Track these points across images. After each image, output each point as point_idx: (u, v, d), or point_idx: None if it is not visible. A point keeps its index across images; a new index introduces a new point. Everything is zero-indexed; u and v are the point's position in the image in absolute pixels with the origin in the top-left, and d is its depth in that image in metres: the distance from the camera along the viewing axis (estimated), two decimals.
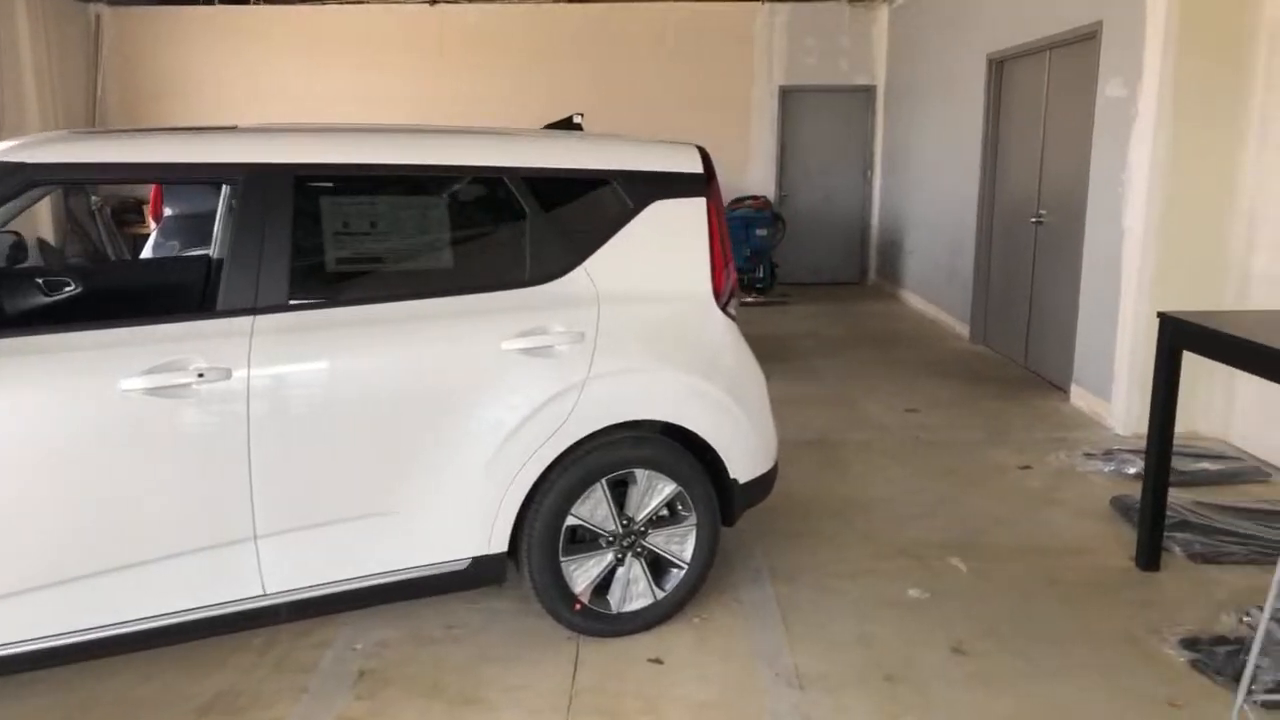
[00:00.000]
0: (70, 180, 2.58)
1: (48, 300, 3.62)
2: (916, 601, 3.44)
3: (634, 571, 3.15)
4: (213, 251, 3.99)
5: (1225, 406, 5.19)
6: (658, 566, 3.21)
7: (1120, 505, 4.22)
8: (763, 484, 3.38)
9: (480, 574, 2.95)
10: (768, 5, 11.13)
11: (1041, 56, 6.77)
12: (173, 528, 2.58)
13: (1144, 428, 5.25)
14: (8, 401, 2.39)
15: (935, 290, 9.11)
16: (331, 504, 2.74)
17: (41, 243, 9.84)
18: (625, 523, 3.12)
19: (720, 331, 3.25)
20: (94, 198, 10.32)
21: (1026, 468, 4.84)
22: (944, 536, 4.00)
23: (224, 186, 3.70)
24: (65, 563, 2.49)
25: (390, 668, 3.00)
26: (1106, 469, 4.73)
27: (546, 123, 3.73)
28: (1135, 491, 4.37)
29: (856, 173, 11.51)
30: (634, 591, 3.16)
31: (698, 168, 3.27)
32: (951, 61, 8.57)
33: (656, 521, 3.17)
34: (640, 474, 3.10)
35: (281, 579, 2.72)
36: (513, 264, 3.02)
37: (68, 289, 3.75)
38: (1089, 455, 4.92)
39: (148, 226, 10.75)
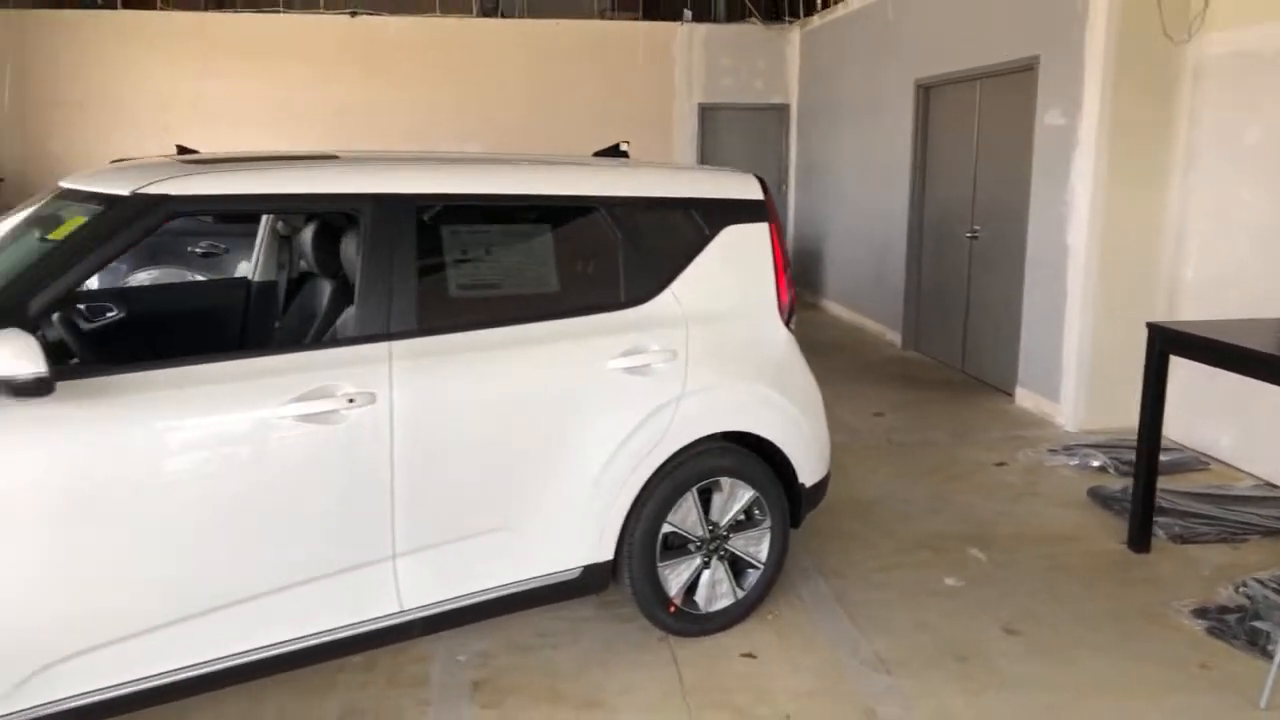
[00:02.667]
0: (206, 211, 2.60)
1: (102, 325, 3.54)
2: (954, 589, 3.78)
3: (718, 573, 3.36)
4: (251, 275, 3.97)
5: None
6: (736, 567, 3.43)
7: (1097, 495, 4.70)
8: (822, 487, 3.66)
9: (590, 582, 3.10)
10: (687, 25, 11.51)
11: (973, 85, 7.34)
12: (324, 549, 2.63)
13: (1092, 424, 5.86)
14: (164, 430, 2.40)
15: (861, 299, 9.64)
16: (462, 520, 2.85)
17: None
18: (711, 528, 3.33)
19: (786, 346, 3.51)
20: None
21: (1002, 464, 5.30)
22: (954, 529, 4.38)
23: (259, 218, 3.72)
24: (223, 589, 2.51)
25: (501, 676, 3.11)
26: (1072, 463, 5.23)
27: (595, 150, 3.90)
28: (1102, 483, 4.90)
29: (772, 187, 12.01)
30: (718, 592, 3.37)
31: (759, 194, 3.53)
32: (874, 85, 9.13)
33: (736, 526, 3.40)
34: (725, 482, 3.32)
35: (417, 595, 2.80)
36: (610, 287, 3.18)
37: (110, 314, 3.68)
38: (1053, 451, 5.42)
39: None
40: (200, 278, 6.54)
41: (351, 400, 2.60)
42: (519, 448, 2.92)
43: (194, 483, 2.43)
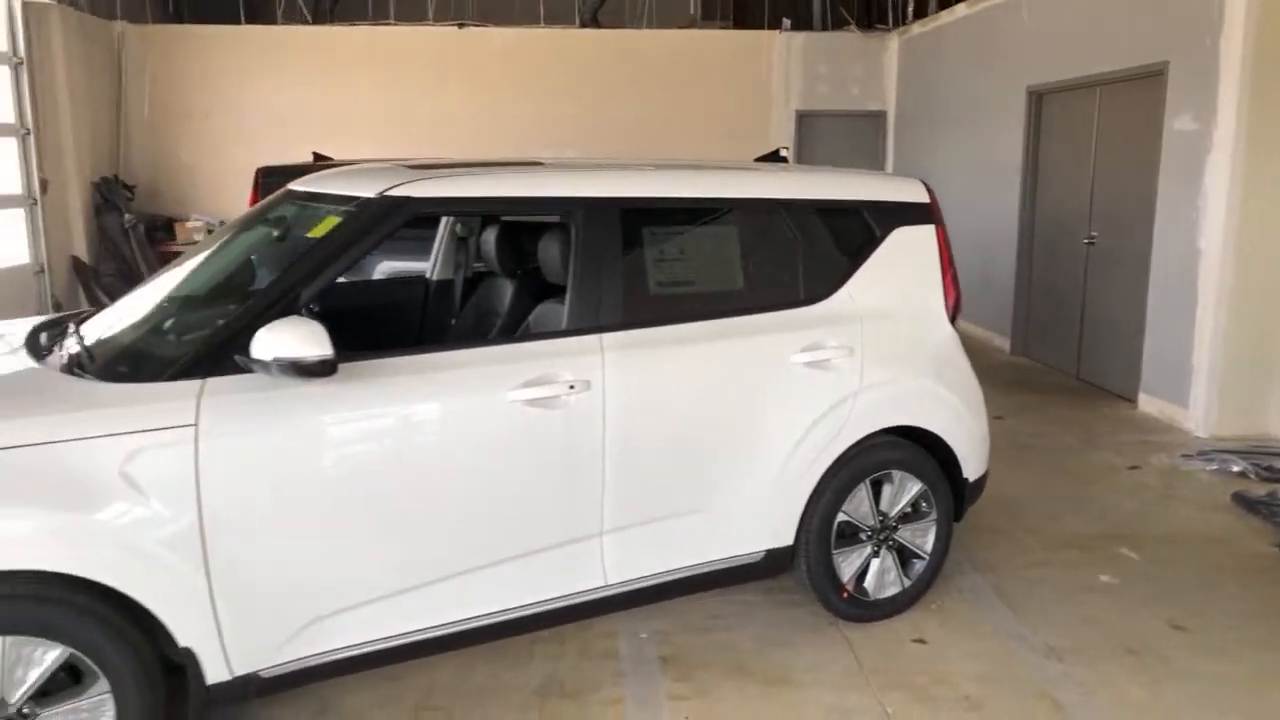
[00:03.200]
0: (441, 211, 2.83)
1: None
2: (1110, 586, 3.84)
3: (887, 562, 3.49)
4: (429, 274, 4.22)
5: None
6: (903, 557, 3.55)
7: (1242, 500, 4.70)
8: (981, 483, 3.76)
9: (771, 566, 3.26)
10: (785, 34, 11.64)
11: (1091, 91, 7.33)
12: (543, 524, 2.84)
13: (1223, 430, 5.83)
14: (418, 410, 2.63)
15: (965, 304, 9.60)
16: (661, 502, 3.03)
17: (75, 260, 9.79)
18: (881, 518, 3.46)
19: (951, 344, 3.63)
20: (127, 216, 10.27)
21: (1135, 468, 5.31)
22: (1099, 529, 4.43)
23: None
24: (458, 557, 2.72)
25: (687, 653, 3.28)
26: (1209, 468, 5.22)
27: (757, 156, 4.05)
28: (1245, 487, 4.89)
29: None
30: (887, 580, 3.49)
31: (925, 198, 3.65)
32: (980, 91, 9.13)
33: (904, 517, 3.52)
34: (895, 474, 3.45)
35: (620, 570, 2.99)
36: (790, 285, 3.34)
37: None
38: (1186, 456, 5.41)
39: (177, 243, 10.78)
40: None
41: (572, 386, 2.80)
42: (712, 434, 3.09)
43: (439, 458, 2.66)
